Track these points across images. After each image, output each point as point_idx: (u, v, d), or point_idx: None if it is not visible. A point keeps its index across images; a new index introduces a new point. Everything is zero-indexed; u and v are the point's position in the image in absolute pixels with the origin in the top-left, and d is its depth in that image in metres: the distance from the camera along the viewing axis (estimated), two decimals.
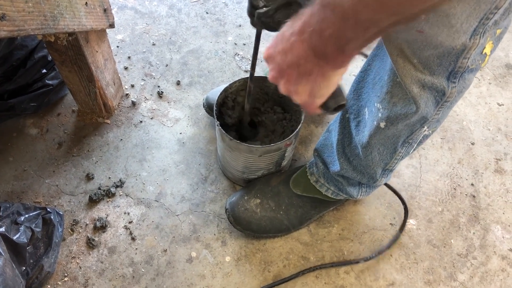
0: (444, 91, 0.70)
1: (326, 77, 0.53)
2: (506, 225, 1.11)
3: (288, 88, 0.57)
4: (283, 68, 0.55)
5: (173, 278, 0.99)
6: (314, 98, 0.57)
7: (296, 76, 0.54)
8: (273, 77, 0.57)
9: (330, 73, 0.53)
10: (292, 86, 0.56)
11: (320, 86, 0.55)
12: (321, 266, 1.01)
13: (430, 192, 1.16)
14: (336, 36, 0.45)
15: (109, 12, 1.01)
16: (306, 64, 0.51)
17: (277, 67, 0.56)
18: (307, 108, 0.60)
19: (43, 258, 0.94)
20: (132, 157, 1.16)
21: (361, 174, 0.93)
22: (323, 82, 0.54)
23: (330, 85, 0.55)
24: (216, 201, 1.11)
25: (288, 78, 0.56)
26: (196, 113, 1.25)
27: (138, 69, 1.33)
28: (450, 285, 1.02)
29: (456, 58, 0.64)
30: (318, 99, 0.57)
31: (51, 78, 1.17)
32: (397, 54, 0.67)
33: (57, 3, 0.77)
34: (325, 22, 0.45)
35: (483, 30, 0.60)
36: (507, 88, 1.37)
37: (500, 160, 1.22)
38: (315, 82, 0.54)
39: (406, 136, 0.81)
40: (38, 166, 1.14)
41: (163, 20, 1.45)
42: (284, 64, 0.54)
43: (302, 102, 0.58)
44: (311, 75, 0.53)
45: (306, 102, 0.58)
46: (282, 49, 0.53)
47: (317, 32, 0.47)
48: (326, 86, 0.55)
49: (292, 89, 0.57)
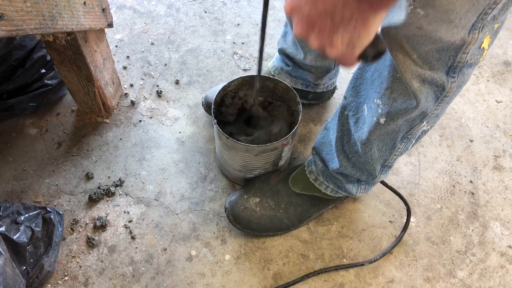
0: (444, 86, 0.70)
1: (368, 22, 0.47)
2: (505, 221, 1.12)
3: (321, 40, 0.51)
4: (313, 19, 0.49)
5: (173, 277, 1.00)
6: (354, 48, 0.51)
7: (330, 26, 0.48)
8: (301, 30, 0.51)
9: (372, 18, 0.47)
10: (327, 37, 0.50)
11: (361, 33, 0.49)
12: (325, 270, 1.01)
13: (429, 190, 1.16)
14: None
15: (108, 12, 1.01)
16: (344, 10, 0.46)
17: (306, 19, 0.49)
18: (345, 60, 0.53)
19: (43, 258, 0.95)
20: (132, 156, 1.17)
21: (360, 171, 0.93)
22: (364, 29, 0.48)
23: (371, 31, 0.49)
24: (215, 200, 1.11)
25: (320, 29, 0.49)
26: (195, 112, 1.25)
27: (137, 69, 1.33)
28: (450, 282, 1.02)
29: (456, 53, 0.65)
30: (358, 49, 0.51)
31: (50, 78, 1.17)
32: (397, 49, 0.68)
33: (55, 3, 0.77)
34: None
35: (482, 25, 0.61)
36: (505, 85, 1.37)
37: (498, 157, 1.22)
38: (355, 29, 0.48)
39: (406, 131, 0.81)
40: (38, 166, 1.14)
41: (161, 20, 1.46)
42: (315, 13, 0.48)
43: (339, 54, 0.52)
44: (350, 23, 0.47)
45: (343, 54, 0.52)
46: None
47: None
48: (367, 33, 0.49)
49: (326, 42, 0.50)
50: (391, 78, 0.74)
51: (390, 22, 0.66)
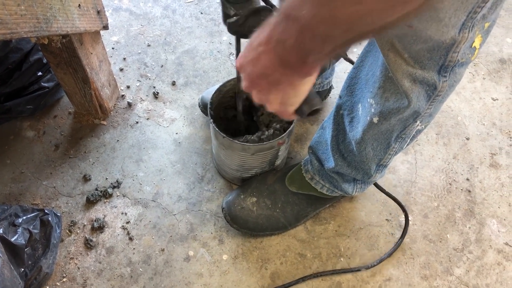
0: (436, 85, 0.70)
1: (295, 86, 0.53)
2: (502, 219, 1.12)
3: (260, 97, 0.57)
4: (253, 78, 0.54)
5: (170, 277, 1.00)
6: (286, 106, 0.57)
7: (266, 86, 0.54)
8: (246, 87, 0.57)
9: (297, 82, 0.53)
10: (264, 95, 0.56)
11: (290, 95, 0.55)
12: (322, 274, 1.01)
13: (425, 188, 1.16)
14: (297, 47, 0.45)
15: (103, 14, 1.02)
16: (273, 74, 0.51)
17: (248, 77, 0.55)
18: (282, 115, 0.60)
19: (41, 259, 0.95)
20: (129, 157, 1.17)
21: (356, 170, 0.94)
22: (292, 91, 0.54)
23: (300, 93, 0.56)
24: (212, 200, 1.11)
25: (259, 88, 0.55)
26: (192, 113, 1.26)
27: (133, 70, 1.34)
28: (447, 280, 1.03)
29: (446, 52, 0.65)
30: (290, 107, 0.58)
31: (47, 80, 1.17)
32: (388, 48, 0.68)
33: (49, 6, 0.78)
34: (286, 33, 0.45)
35: (472, 24, 0.61)
36: (501, 83, 1.38)
37: (495, 155, 1.23)
38: (285, 91, 0.54)
39: (399, 131, 0.81)
40: (36, 168, 1.15)
41: (158, 21, 1.46)
42: (254, 74, 0.53)
43: (275, 110, 0.58)
44: (280, 85, 0.53)
45: (278, 110, 0.58)
46: (251, 59, 0.52)
47: (281, 42, 0.46)
48: (296, 94, 0.55)
49: (264, 99, 0.57)
50: (383, 78, 0.74)
51: None
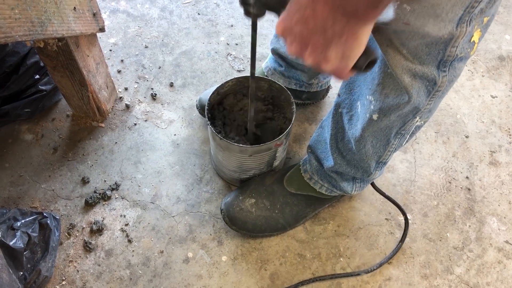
0: (435, 80, 0.70)
1: (358, 35, 0.50)
2: (502, 217, 1.11)
3: (316, 57, 0.53)
4: (306, 38, 0.51)
5: (170, 279, 1.00)
6: (348, 60, 0.53)
7: (323, 42, 0.51)
8: (296, 50, 0.53)
9: (361, 31, 0.50)
10: (321, 53, 0.52)
11: (353, 46, 0.51)
12: (320, 278, 1.01)
13: (425, 186, 1.16)
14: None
15: (99, 16, 1.02)
16: (334, 26, 0.48)
17: (298, 38, 0.52)
18: (340, 73, 0.56)
19: (40, 263, 0.95)
20: (127, 159, 1.17)
21: (355, 168, 0.93)
22: (355, 42, 0.51)
23: (362, 43, 0.52)
24: (211, 201, 1.11)
25: (314, 47, 0.52)
26: (190, 114, 1.26)
27: (131, 72, 1.34)
28: (447, 279, 1.02)
29: (445, 47, 0.65)
30: (351, 61, 0.54)
31: (44, 83, 1.17)
32: (387, 44, 0.68)
33: (44, 9, 0.78)
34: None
35: (469, 18, 0.61)
36: (500, 80, 1.37)
37: (494, 153, 1.22)
38: (346, 43, 0.50)
39: (399, 127, 0.81)
40: (34, 172, 1.14)
41: (155, 23, 1.46)
42: (307, 32, 0.50)
43: (334, 68, 0.54)
44: (341, 37, 0.50)
45: (338, 68, 0.54)
46: (302, 17, 0.49)
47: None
48: (359, 45, 0.52)
49: (321, 57, 0.53)
50: (382, 74, 0.73)
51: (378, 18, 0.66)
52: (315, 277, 1.01)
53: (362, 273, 1.02)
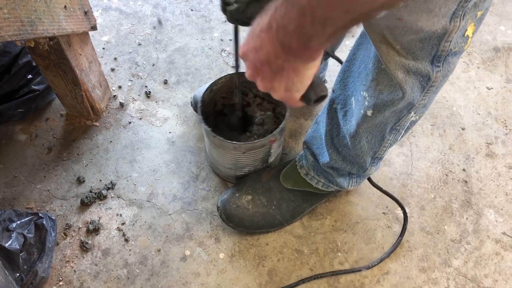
0: (429, 76, 0.69)
1: (299, 71, 0.52)
2: (499, 208, 1.11)
3: (264, 85, 0.56)
4: (257, 66, 0.54)
5: (167, 278, 1.00)
6: (291, 93, 0.56)
7: (269, 73, 0.53)
8: (249, 75, 0.57)
9: (301, 68, 0.52)
10: (268, 83, 0.55)
11: (294, 81, 0.54)
12: (321, 275, 1.00)
13: (422, 180, 1.16)
14: (299, 32, 0.44)
15: (90, 15, 1.01)
16: (276, 60, 0.50)
17: (252, 65, 0.55)
18: (288, 102, 0.59)
19: (37, 264, 0.94)
20: (122, 158, 1.16)
21: (351, 164, 0.93)
22: (297, 77, 0.53)
23: (304, 79, 0.54)
24: (208, 199, 1.10)
25: (263, 76, 0.55)
26: (185, 111, 1.25)
27: (125, 70, 1.33)
28: (445, 271, 1.02)
29: (438, 41, 0.64)
30: (295, 94, 0.56)
31: (37, 83, 1.16)
32: (380, 40, 0.67)
33: (34, 8, 0.77)
34: (287, 17, 0.44)
35: (463, 12, 0.60)
36: (495, 72, 1.37)
37: (491, 144, 1.22)
38: (288, 77, 0.53)
39: (394, 123, 0.81)
40: (29, 172, 1.14)
41: (148, 20, 1.45)
42: (257, 61, 0.53)
43: (280, 97, 0.58)
44: (283, 71, 0.52)
45: (284, 98, 0.57)
46: (254, 47, 0.52)
47: (282, 27, 0.46)
48: (300, 80, 0.54)
49: (268, 86, 0.56)
50: (376, 70, 0.73)
51: None
52: (316, 274, 1.01)
53: (363, 269, 1.01)
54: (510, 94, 1.32)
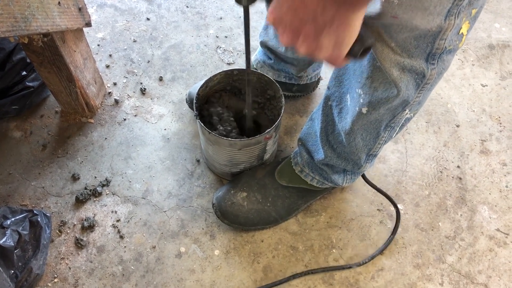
0: (424, 73, 0.70)
1: (349, 22, 0.49)
2: (493, 205, 1.12)
3: (309, 46, 0.52)
4: (297, 26, 0.50)
5: (163, 274, 1.00)
6: (341, 48, 0.52)
7: (314, 30, 0.50)
8: (287, 39, 0.53)
9: (352, 17, 0.49)
10: (313, 42, 0.51)
11: (344, 33, 0.50)
12: (313, 271, 1.01)
13: (416, 176, 1.16)
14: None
15: (85, 11, 1.00)
16: (324, 13, 0.47)
17: (290, 28, 0.51)
18: (334, 61, 0.55)
19: (31, 261, 0.94)
20: (117, 155, 1.16)
21: (346, 161, 0.93)
22: (347, 28, 0.50)
23: (355, 29, 0.51)
24: (203, 196, 1.10)
25: (305, 36, 0.51)
26: (180, 108, 1.25)
27: (120, 67, 1.32)
28: (439, 268, 1.03)
29: (433, 39, 0.64)
30: (345, 48, 0.53)
31: (32, 80, 1.16)
32: (375, 38, 0.67)
33: (27, 4, 0.76)
34: None
35: (458, 10, 0.60)
36: (490, 69, 1.37)
37: (485, 141, 1.23)
38: (339, 30, 0.50)
39: (388, 120, 0.81)
40: (23, 169, 1.13)
41: (143, 16, 1.44)
42: (298, 21, 0.49)
43: (328, 56, 0.53)
44: (332, 25, 0.49)
45: (332, 55, 0.54)
46: (291, 7, 0.49)
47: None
48: (351, 31, 0.51)
49: (313, 46, 0.52)
50: (371, 67, 0.73)
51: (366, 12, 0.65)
52: (308, 269, 1.01)
53: (354, 265, 1.02)
54: (504, 91, 1.32)
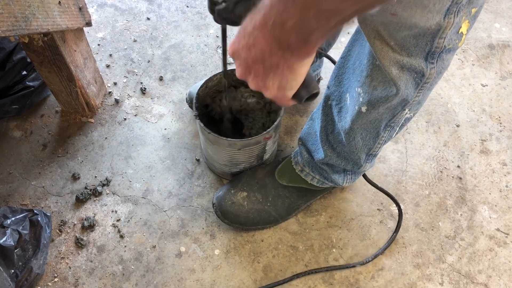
0: (423, 72, 0.70)
1: (293, 69, 0.52)
2: (493, 205, 1.12)
3: (257, 83, 0.55)
4: (249, 64, 0.53)
5: (163, 274, 1.00)
6: (284, 91, 0.55)
7: (263, 71, 0.52)
8: (241, 73, 0.56)
9: (296, 65, 0.51)
10: (261, 81, 0.54)
11: (288, 78, 0.53)
12: (316, 271, 1.01)
13: (416, 176, 1.16)
14: (299, 27, 0.43)
15: (85, 11, 1.00)
16: (271, 57, 0.50)
17: (243, 63, 0.54)
18: (279, 101, 0.58)
19: (31, 260, 0.94)
20: (118, 155, 1.16)
21: (345, 160, 0.93)
22: (291, 75, 0.52)
23: (298, 76, 0.54)
24: (203, 195, 1.11)
25: (255, 74, 0.54)
26: (180, 108, 1.25)
27: (120, 67, 1.32)
28: (439, 267, 1.03)
29: (432, 38, 0.64)
30: (288, 92, 0.56)
31: (32, 79, 1.16)
32: (374, 36, 0.67)
33: (28, 4, 0.76)
34: (286, 13, 0.43)
35: (457, 9, 0.60)
36: (490, 69, 1.37)
37: (485, 141, 1.23)
38: (283, 75, 0.52)
39: (388, 119, 0.81)
40: (24, 169, 1.13)
41: (143, 16, 1.44)
42: (249, 59, 0.52)
43: (273, 96, 0.57)
44: (278, 69, 0.51)
45: (276, 96, 0.57)
46: (246, 44, 0.51)
47: (279, 24, 0.45)
48: (294, 78, 0.53)
49: (261, 84, 0.55)
50: (371, 66, 0.73)
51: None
52: (309, 269, 1.01)
53: (357, 265, 1.02)
54: (504, 91, 1.32)
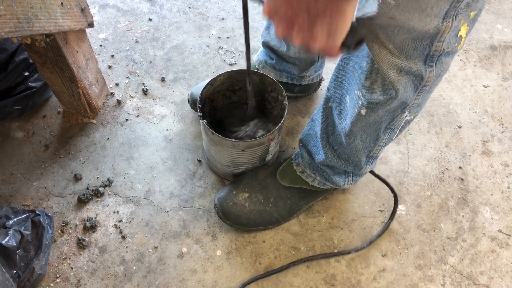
0: (422, 75, 0.70)
1: (342, 10, 0.50)
2: (495, 206, 1.12)
3: (302, 36, 0.53)
4: (291, 17, 0.51)
5: (164, 275, 1.00)
6: (334, 37, 0.53)
7: (308, 20, 0.51)
8: (282, 31, 0.54)
9: (344, 6, 0.50)
10: (307, 32, 0.52)
11: (338, 22, 0.51)
12: (312, 258, 1.02)
13: (418, 177, 1.16)
14: None
15: (87, 12, 1.00)
16: (317, 3, 0.48)
17: (284, 19, 0.52)
18: (328, 51, 0.56)
19: (34, 261, 0.94)
20: (119, 155, 1.16)
21: (346, 162, 0.93)
22: (340, 17, 0.51)
23: (347, 18, 0.52)
24: (205, 196, 1.11)
25: (299, 27, 0.52)
26: (182, 109, 1.25)
27: (122, 67, 1.33)
28: (441, 269, 1.03)
29: (431, 41, 0.64)
30: (338, 38, 0.54)
31: (34, 80, 1.16)
32: (373, 40, 0.67)
33: (30, 5, 0.76)
34: None
35: (455, 12, 0.60)
36: (492, 70, 1.37)
37: (487, 142, 1.23)
38: (331, 19, 0.50)
39: (388, 122, 0.81)
40: (26, 169, 1.14)
41: (145, 17, 1.44)
42: (292, 12, 0.50)
43: (322, 46, 0.54)
44: (325, 14, 0.50)
45: (326, 45, 0.54)
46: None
47: None
48: (344, 20, 0.51)
49: (308, 36, 0.53)
50: (370, 69, 0.73)
51: (363, 13, 0.65)
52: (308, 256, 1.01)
53: (352, 251, 1.03)
54: (506, 92, 1.32)
